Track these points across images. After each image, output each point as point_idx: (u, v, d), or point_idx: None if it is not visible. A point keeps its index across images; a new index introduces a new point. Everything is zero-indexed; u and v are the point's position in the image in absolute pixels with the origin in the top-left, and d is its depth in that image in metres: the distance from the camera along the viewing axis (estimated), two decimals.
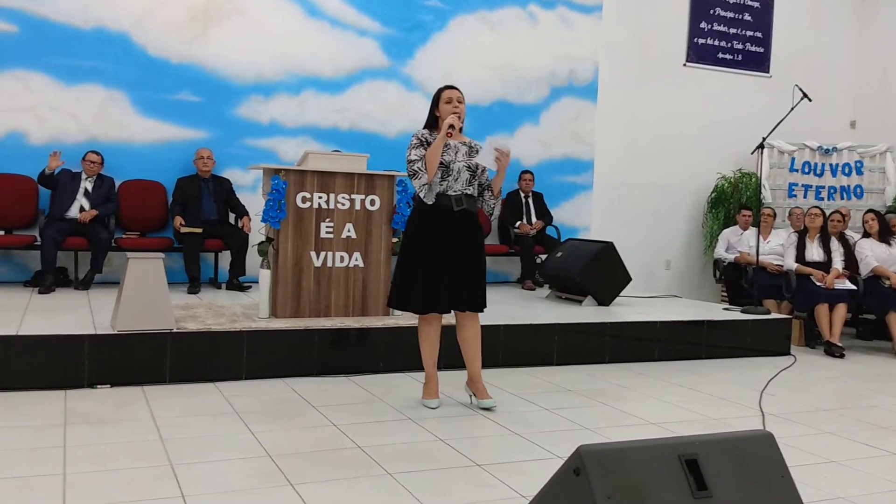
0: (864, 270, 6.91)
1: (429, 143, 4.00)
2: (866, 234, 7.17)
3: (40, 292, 6.02)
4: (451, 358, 4.29)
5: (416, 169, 3.97)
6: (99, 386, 4.29)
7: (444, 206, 4.00)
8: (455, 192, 4.01)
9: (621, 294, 6.85)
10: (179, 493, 2.82)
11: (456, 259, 3.99)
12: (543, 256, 7.83)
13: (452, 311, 4.11)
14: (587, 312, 6.21)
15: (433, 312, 4.07)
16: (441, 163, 3.97)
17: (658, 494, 2.00)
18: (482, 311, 4.12)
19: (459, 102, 4.05)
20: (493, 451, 3.48)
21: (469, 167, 4.04)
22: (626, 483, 1.99)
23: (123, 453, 3.23)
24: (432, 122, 4.12)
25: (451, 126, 3.92)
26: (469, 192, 4.05)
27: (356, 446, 3.45)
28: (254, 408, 4.02)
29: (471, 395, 4.24)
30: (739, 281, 7.89)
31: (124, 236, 6.72)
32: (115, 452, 3.24)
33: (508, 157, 4.01)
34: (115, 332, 4.42)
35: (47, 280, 6.12)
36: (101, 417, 3.75)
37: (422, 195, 4.04)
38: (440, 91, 4.12)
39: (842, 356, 6.37)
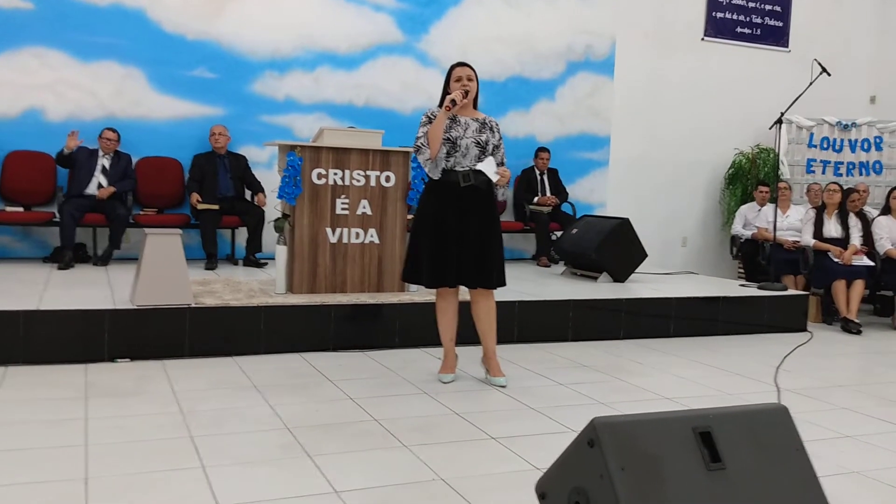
0: (880, 251, 6.87)
1: None
2: (885, 212, 7.10)
3: (59, 268, 6.09)
4: (466, 333, 4.30)
5: (420, 145, 3.99)
6: (119, 360, 4.35)
7: (451, 181, 3.99)
8: (463, 167, 3.98)
9: (637, 270, 6.83)
10: (199, 463, 2.87)
11: (462, 234, 3.98)
12: (559, 233, 7.82)
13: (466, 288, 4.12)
14: (602, 289, 6.21)
15: (441, 287, 4.08)
16: (448, 139, 3.96)
17: (672, 466, 2.02)
18: (493, 287, 4.09)
19: (469, 80, 4.02)
20: (508, 425, 3.50)
21: (478, 143, 4.00)
22: (640, 455, 2.00)
23: (144, 425, 3.29)
24: (444, 100, 4.10)
25: (453, 102, 3.90)
26: (478, 169, 4.00)
27: (372, 419, 3.49)
28: (272, 381, 4.07)
29: (486, 372, 4.26)
30: (756, 257, 7.86)
31: (142, 213, 6.77)
32: (135, 424, 3.30)
33: (507, 177, 4.06)
34: (135, 307, 4.47)
35: (66, 256, 6.19)
36: (122, 390, 3.81)
37: (426, 170, 4.06)
38: (451, 69, 4.10)
39: (859, 332, 6.35)
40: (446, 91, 4.08)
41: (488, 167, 3.99)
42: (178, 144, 7.11)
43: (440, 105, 4.08)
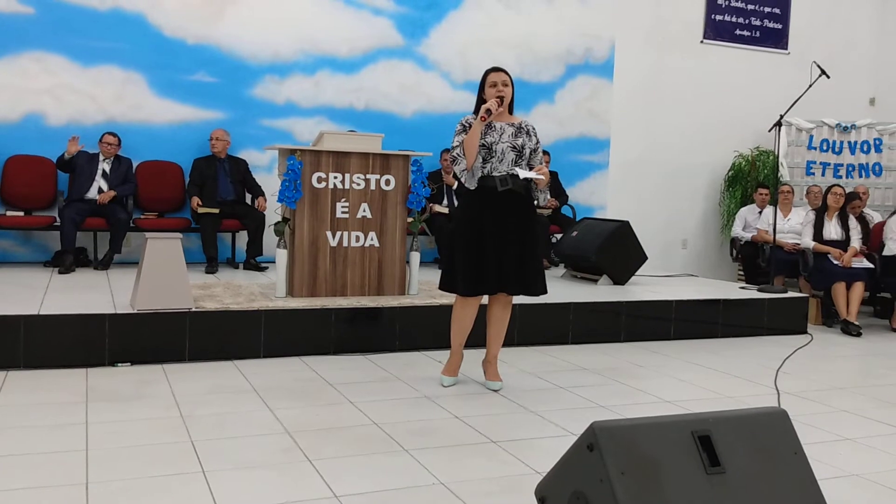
0: (889, 251, 6.83)
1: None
2: None
3: (60, 272, 6.09)
4: (470, 337, 4.30)
5: (456, 155, 3.94)
6: (120, 364, 4.36)
7: (488, 187, 3.93)
8: (500, 173, 3.93)
9: (637, 273, 6.84)
10: (200, 468, 2.87)
11: (501, 241, 3.92)
12: (559, 236, 7.83)
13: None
14: (603, 291, 6.22)
15: (480, 294, 4.02)
16: (483, 145, 3.91)
17: (671, 470, 2.03)
18: (536, 295, 4.04)
19: (504, 86, 3.96)
20: (508, 429, 3.51)
21: (514, 148, 3.94)
22: (640, 459, 2.01)
23: (145, 429, 3.29)
24: (479, 107, 4.04)
25: (488, 112, 3.84)
26: (515, 173, 3.93)
27: (373, 423, 3.50)
28: (272, 385, 4.07)
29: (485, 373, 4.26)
30: (756, 260, 7.86)
31: (142, 217, 6.78)
32: (136, 429, 3.30)
33: (544, 177, 3.95)
34: (135, 312, 4.47)
35: (67, 260, 6.19)
36: (123, 395, 3.82)
37: (463, 180, 4.01)
38: (485, 74, 4.05)
39: (859, 335, 6.35)
40: (481, 97, 4.03)
41: (523, 174, 3.91)
42: (178, 148, 7.12)
43: (475, 112, 4.03)
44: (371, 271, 5.36)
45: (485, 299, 4.16)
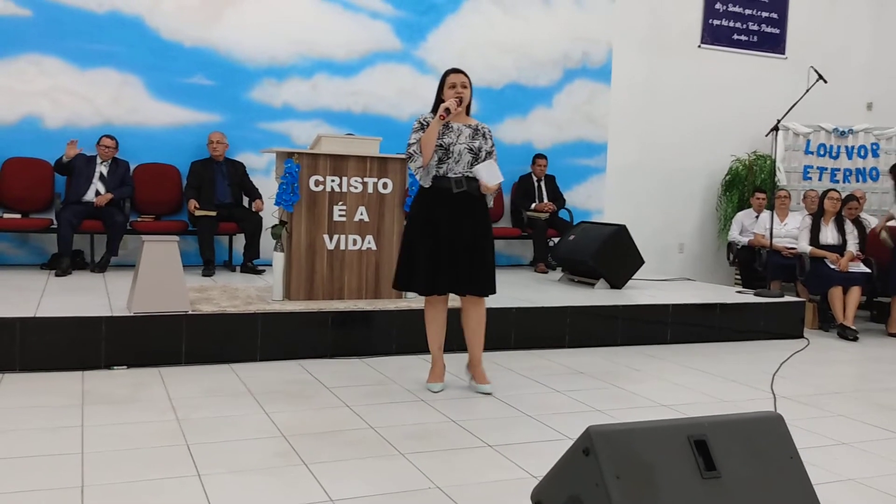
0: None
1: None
2: None
3: (57, 275, 6.08)
4: (461, 340, 4.30)
5: (412, 152, 3.98)
6: (116, 367, 4.35)
7: (443, 188, 3.97)
8: (455, 174, 3.96)
9: (634, 277, 6.84)
10: (195, 471, 2.86)
11: (455, 242, 3.95)
12: (556, 239, 7.83)
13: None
14: (600, 295, 6.22)
15: (434, 294, 4.06)
16: (440, 145, 3.95)
17: (667, 474, 2.03)
18: (485, 295, 4.07)
19: (463, 87, 3.99)
20: (504, 432, 3.50)
21: (471, 149, 3.98)
22: (635, 463, 2.01)
23: (140, 433, 3.28)
24: (437, 106, 4.08)
25: (447, 111, 3.88)
26: (471, 175, 3.98)
27: (369, 427, 3.49)
28: (268, 389, 4.06)
29: (470, 379, 4.24)
30: (753, 264, 7.87)
31: (139, 219, 6.78)
32: (132, 432, 3.29)
33: (494, 190, 4.01)
34: (132, 315, 4.47)
35: (63, 263, 6.18)
36: (119, 398, 3.81)
37: (417, 178, 4.04)
38: (445, 75, 4.07)
39: (855, 339, 6.36)
40: (439, 97, 4.06)
41: (490, 170, 3.93)
42: (175, 151, 7.12)
43: (433, 111, 4.07)
44: (368, 275, 5.36)
45: (457, 303, 4.18)
